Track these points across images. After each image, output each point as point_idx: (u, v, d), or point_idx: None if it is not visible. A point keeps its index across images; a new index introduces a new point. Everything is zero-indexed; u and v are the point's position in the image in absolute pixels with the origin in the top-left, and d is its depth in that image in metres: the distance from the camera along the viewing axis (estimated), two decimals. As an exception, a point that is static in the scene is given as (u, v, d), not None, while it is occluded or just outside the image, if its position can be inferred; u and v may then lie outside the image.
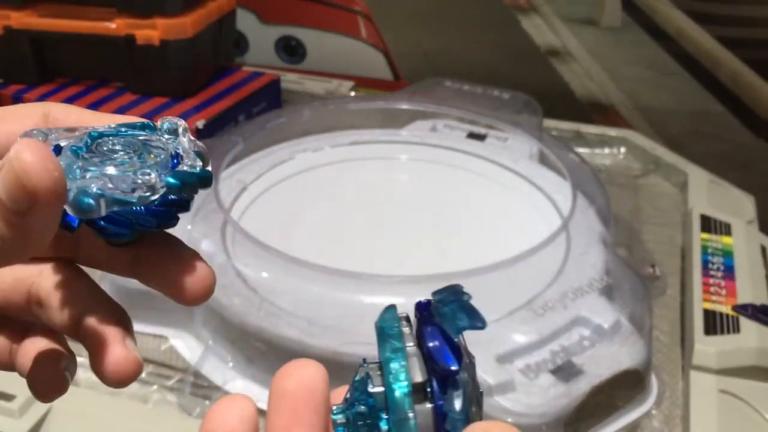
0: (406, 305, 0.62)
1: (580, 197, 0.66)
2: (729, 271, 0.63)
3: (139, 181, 0.20)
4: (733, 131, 1.91)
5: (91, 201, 0.19)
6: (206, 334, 0.56)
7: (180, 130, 0.23)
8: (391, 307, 0.22)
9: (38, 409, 0.48)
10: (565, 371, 0.49)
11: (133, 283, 0.65)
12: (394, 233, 0.66)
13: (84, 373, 0.55)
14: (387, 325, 0.21)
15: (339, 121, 0.81)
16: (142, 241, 0.23)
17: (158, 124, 0.23)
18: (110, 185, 0.20)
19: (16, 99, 0.85)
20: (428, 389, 0.20)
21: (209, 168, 0.22)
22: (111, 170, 0.20)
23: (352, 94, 0.99)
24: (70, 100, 0.83)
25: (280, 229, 0.64)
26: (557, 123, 0.88)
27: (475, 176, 0.74)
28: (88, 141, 0.21)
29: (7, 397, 0.48)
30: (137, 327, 0.59)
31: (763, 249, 0.67)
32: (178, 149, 0.22)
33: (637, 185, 0.80)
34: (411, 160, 0.78)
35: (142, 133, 0.22)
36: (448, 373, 0.19)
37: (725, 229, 0.69)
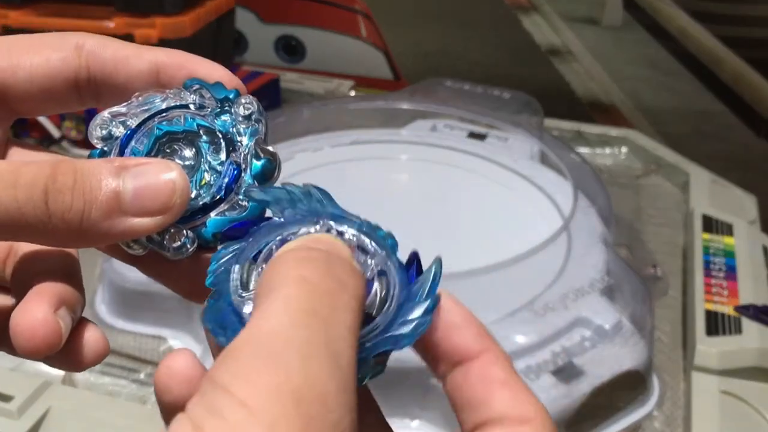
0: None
1: (581, 197, 0.65)
2: (731, 272, 0.63)
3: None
4: (734, 131, 1.91)
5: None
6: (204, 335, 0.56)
7: (252, 117, 0.24)
8: None
9: (37, 409, 0.48)
10: (566, 372, 0.49)
11: (132, 285, 0.65)
12: (395, 233, 0.66)
13: (82, 374, 0.55)
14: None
15: (339, 121, 0.81)
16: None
17: (237, 102, 0.24)
18: None
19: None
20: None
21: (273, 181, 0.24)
22: None
23: (352, 93, 0.99)
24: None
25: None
26: (558, 123, 0.88)
27: (476, 176, 0.74)
28: (151, 142, 0.22)
29: (6, 398, 0.48)
30: (136, 328, 0.59)
31: (765, 249, 0.67)
32: (239, 159, 0.23)
33: (639, 185, 0.80)
34: (411, 160, 0.78)
35: (206, 126, 0.23)
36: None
37: (727, 230, 0.69)
